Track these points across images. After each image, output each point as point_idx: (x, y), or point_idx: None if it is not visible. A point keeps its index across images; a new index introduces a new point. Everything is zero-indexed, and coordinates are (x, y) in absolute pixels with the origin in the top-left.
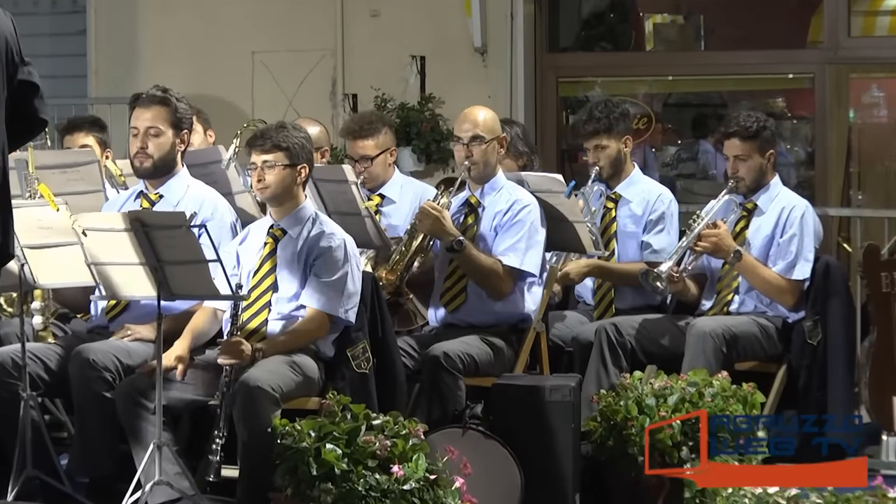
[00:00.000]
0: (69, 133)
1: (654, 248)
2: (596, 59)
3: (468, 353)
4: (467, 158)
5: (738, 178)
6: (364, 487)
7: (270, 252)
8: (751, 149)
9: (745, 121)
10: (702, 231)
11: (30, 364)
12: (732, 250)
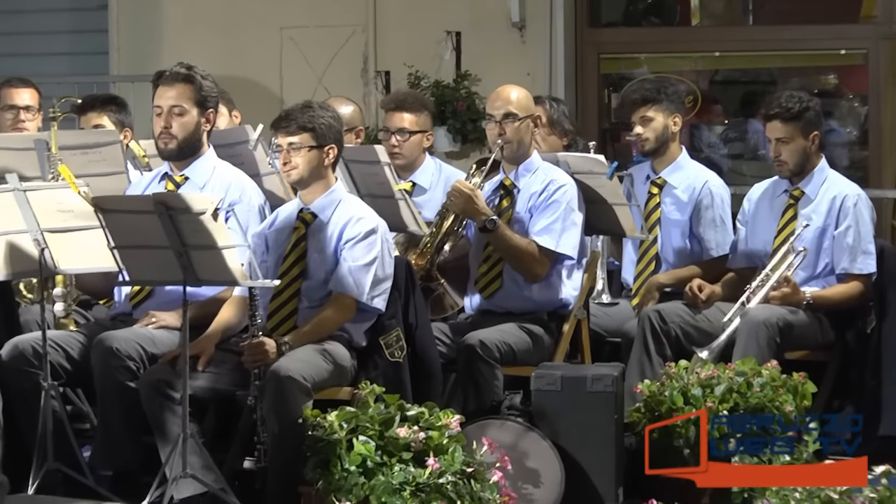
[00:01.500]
0: (83, 112)
1: (707, 245)
2: (639, 35)
3: (505, 342)
4: (500, 137)
5: (781, 162)
6: (398, 481)
7: (300, 237)
8: (793, 131)
9: (786, 101)
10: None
11: (51, 353)
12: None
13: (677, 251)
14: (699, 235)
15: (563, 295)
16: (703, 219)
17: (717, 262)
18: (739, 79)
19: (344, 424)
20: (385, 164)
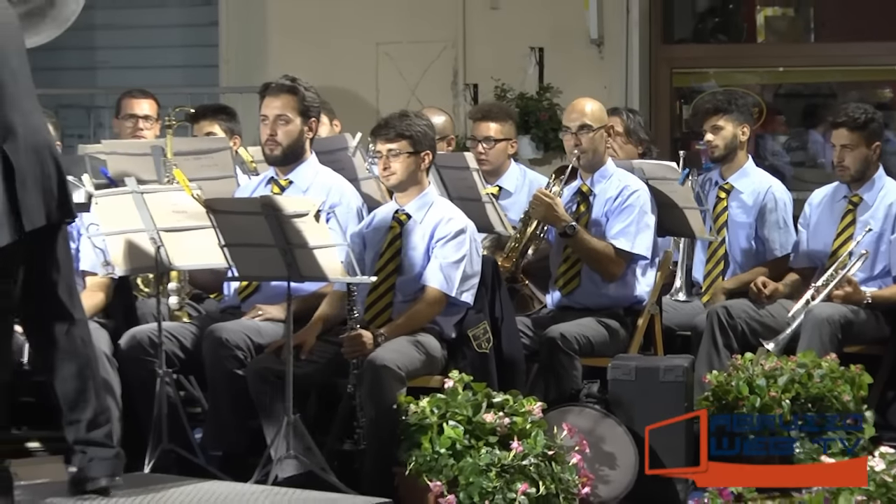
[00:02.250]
0: (196, 121)
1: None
2: (709, 51)
3: (584, 335)
4: (576, 147)
5: (844, 168)
6: (484, 463)
7: (396, 236)
8: (858, 139)
9: (853, 112)
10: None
11: (166, 342)
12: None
13: (743, 251)
14: (763, 237)
15: (638, 292)
16: (768, 221)
17: (780, 262)
18: (801, 92)
19: (435, 410)
20: (474, 169)
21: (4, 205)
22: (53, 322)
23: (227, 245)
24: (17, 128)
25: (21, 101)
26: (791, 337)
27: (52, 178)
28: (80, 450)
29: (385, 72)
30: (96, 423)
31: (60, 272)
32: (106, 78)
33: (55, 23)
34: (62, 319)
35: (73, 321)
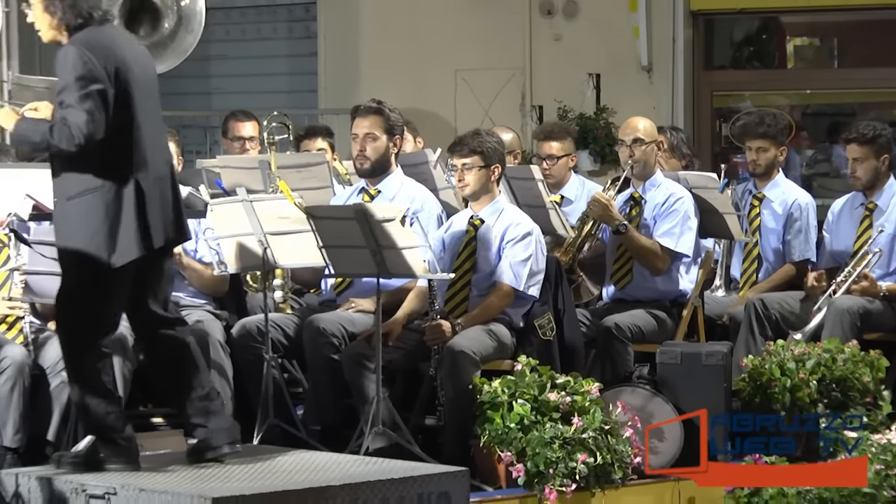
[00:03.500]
0: (307, 138)
1: (790, 250)
2: (745, 76)
3: (635, 324)
4: (630, 158)
5: (856, 178)
6: (549, 436)
7: (471, 238)
8: (867, 152)
9: (863, 128)
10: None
11: (271, 331)
12: (880, 293)
13: (774, 252)
14: (786, 241)
15: (682, 287)
16: (792, 229)
17: (798, 265)
18: (826, 112)
19: (506, 390)
20: (539, 180)
21: (136, 226)
22: (162, 321)
23: (325, 246)
24: (148, 161)
25: (153, 137)
26: (817, 327)
27: (171, 205)
28: (201, 423)
29: (462, 95)
30: (210, 399)
31: (170, 282)
32: (220, 102)
33: (175, 54)
34: (169, 318)
35: (178, 320)
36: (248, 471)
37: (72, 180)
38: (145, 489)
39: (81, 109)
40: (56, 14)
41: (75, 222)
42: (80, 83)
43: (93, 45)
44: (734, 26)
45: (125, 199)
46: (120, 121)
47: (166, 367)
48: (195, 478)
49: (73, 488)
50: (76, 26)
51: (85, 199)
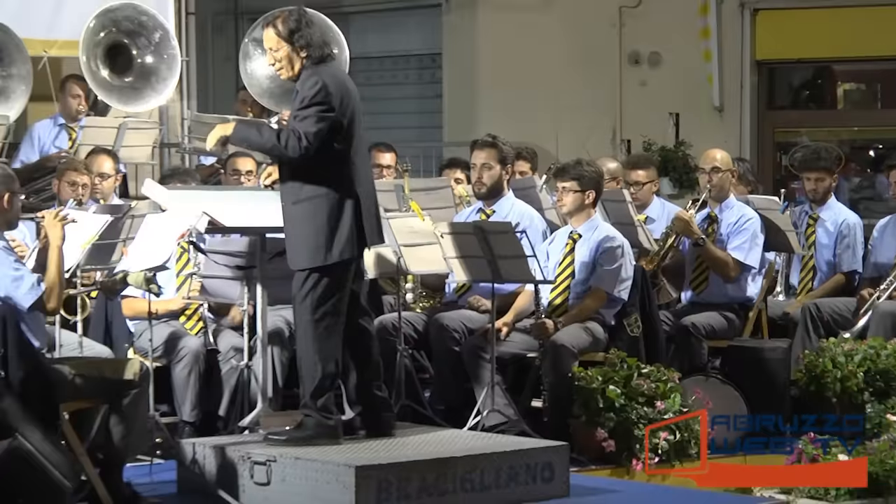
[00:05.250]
0: (449, 168)
1: (839, 261)
2: (802, 115)
3: (709, 323)
4: (708, 183)
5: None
6: (636, 416)
7: (570, 250)
8: None
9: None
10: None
11: (404, 326)
12: None
13: (827, 264)
14: (837, 255)
15: (749, 292)
16: (842, 244)
17: (847, 275)
18: (870, 145)
19: (599, 377)
20: (628, 202)
21: (353, 230)
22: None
23: (448, 256)
24: (362, 178)
25: (364, 156)
26: (863, 327)
27: (375, 214)
28: (361, 406)
29: (563, 130)
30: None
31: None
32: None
33: None
34: (368, 315)
35: (369, 313)
36: (384, 444)
37: (298, 187)
38: (300, 458)
39: (314, 128)
40: (302, 54)
41: (300, 222)
42: (319, 107)
43: (334, 78)
44: (793, 73)
45: (346, 207)
46: (345, 143)
47: (353, 349)
48: (341, 450)
49: (240, 456)
50: (317, 59)
51: (312, 203)
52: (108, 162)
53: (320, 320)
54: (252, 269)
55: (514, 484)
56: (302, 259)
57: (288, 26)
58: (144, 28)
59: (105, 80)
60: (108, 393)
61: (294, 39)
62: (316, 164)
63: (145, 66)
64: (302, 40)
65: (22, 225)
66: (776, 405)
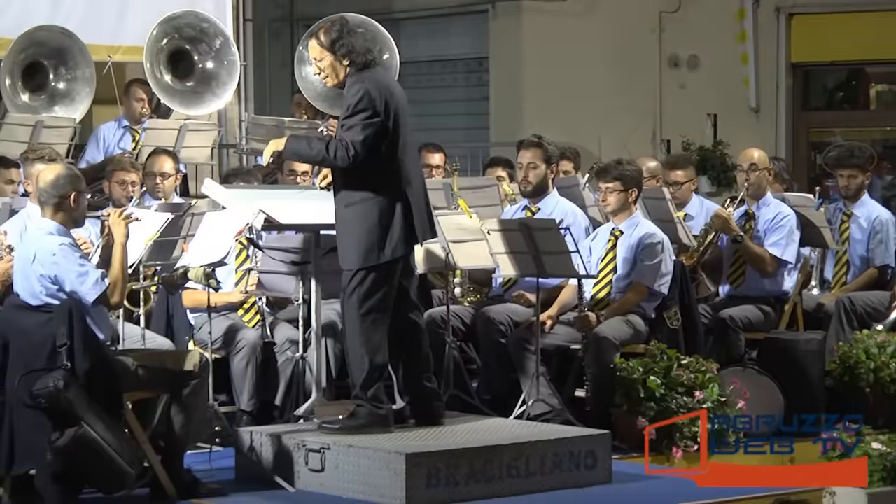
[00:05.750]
0: (491, 166)
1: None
2: (836, 116)
3: (746, 316)
4: (746, 181)
5: None
6: (675, 406)
7: (612, 246)
8: None
9: None
10: None
11: (452, 319)
12: None
13: (860, 258)
14: (869, 249)
15: (785, 287)
16: (874, 239)
17: (880, 269)
18: None
19: (640, 368)
20: (668, 200)
21: (404, 228)
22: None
23: (495, 252)
24: (411, 176)
25: (413, 155)
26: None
27: (425, 211)
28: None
29: (605, 131)
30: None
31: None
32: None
33: None
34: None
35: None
36: (433, 432)
37: (350, 192)
38: (353, 445)
39: (360, 136)
40: (345, 62)
41: (352, 224)
42: (364, 114)
43: (377, 83)
44: (827, 75)
45: (396, 207)
46: (393, 144)
47: (403, 342)
48: (392, 438)
49: (296, 443)
50: (361, 66)
51: (363, 205)
52: (168, 162)
53: (366, 315)
54: (307, 264)
55: (558, 471)
56: (354, 260)
57: (330, 36)
58: (206, 35)
59: (168, 84)
60: (170, 383)
61: (336, 49)
62: (365, 167)
63: (206, 71)
64: (343, 49)
65: (88, 223)
66: (811, 395)
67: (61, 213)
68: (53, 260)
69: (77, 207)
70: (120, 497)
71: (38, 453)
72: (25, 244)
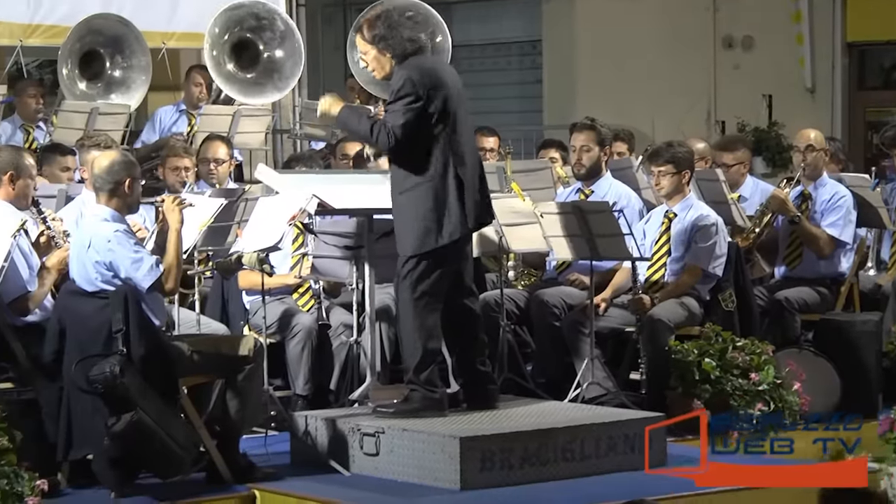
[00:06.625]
0: (545, 148)
1: None
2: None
3: (802, 298)
4: (803, 162)
5: None
6: (731, 388)
7: (666, 228)
8: None
9: None
10: None
11: (506, 303)
12: None
13: None
14: None
15: (842, 268)
16: None
17: None
18: None
19: (696, 350)
20: (722, 181)
21: (459, 211)
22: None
23: (549, 235)
24: (465, 157)
25: (468, 137)
26: None
27: (479, 192)
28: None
29: (659, 112)
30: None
31: (469, 258)
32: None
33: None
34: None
35: (474, 293)
36: (488, 416)
37: (404, 176)
38: (407, 429)
39: (401, 120)
40: (388, 53)
41: (407, 209)
42: (406, 99)
43: (421, 69)
44: (883, 54)
45: (450, 189)
46: (445, 128)
47: (457, 328)
48: (446, 422)
49: (350, 427)
50: (407, 55)
51: (417, 190)
52: (222, 148)
53: (419, 299)
54: (360, 248)
55: (612, 453)
56: (411, 245)
57: (373, 31)
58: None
59: (229, 72)
60: (225, 368)
61: (380, 41)
62: (418, 152)
63: (271, 61)
64: (386, 43)
65: (142, 209)
66: (867, 377)
67: (116, 200)
68: (108, 247)
69: (131, 194)
70: (176, 481)
71: (96, 438)
72: (81, 231)
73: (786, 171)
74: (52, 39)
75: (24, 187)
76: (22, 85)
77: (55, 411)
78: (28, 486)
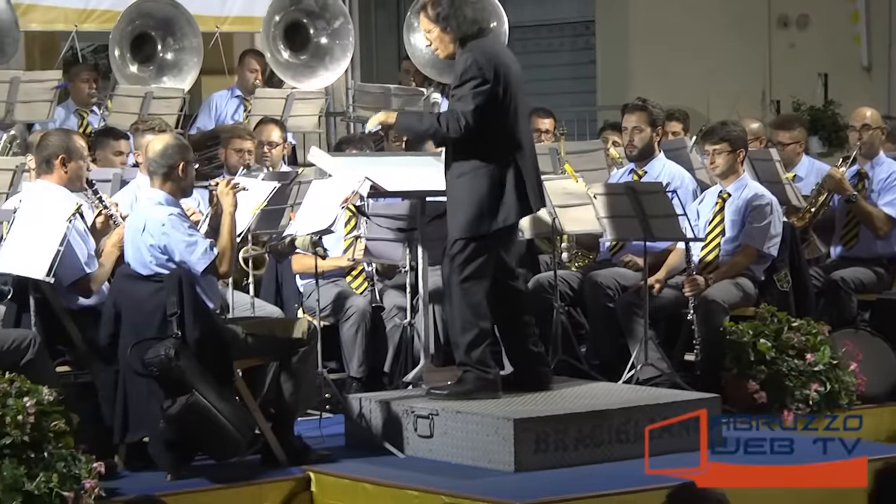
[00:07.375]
0: (605, 130)
1: None
2: None
3: (858, 278)
4: (859, 140)
5: None
6: (786, 369)
7: (720, 209)
8: None
9: None
10: None
11: (560, 284)
12: None
13: None
14: None
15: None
16: None
17: None
18: None
19: (751, 331)
20: (777, 161)
21: (516, 196)
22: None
23: (602, 216)
24: (523, 143)
25: (525, 123)
26: None
27: (535, 178)
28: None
29: (714, 92)
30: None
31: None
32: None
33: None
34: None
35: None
36: (541, 397)
37: (462, 162)
38: (461, 411)
39: (471, 105)
40: (452, 32)
41: (463, 194)
42: (473, 83)
43: (484, 52)
44: None
45: (508, 175)
46: (504, 112)
47: (504, 310)
48: (500, 403)
49: (404, 409)
50: (470, 36)
51: (475, 174)
52: (276, 131)
53: (465, 281)
54: (413, 231)
55: (667, 434)
56: (463, 227)
57: (436, 10)
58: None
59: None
60: (279, 351)
61: (443, 20)
62: (476, 136)
63: (321, 46)
64: (450, 21)
65: (196, 192)
66: None
67: (170, 183)
68: (162, 230)
69: (185, 177)
70: (231, 464)
71: (151, 421)
72: (135, 214)
73: (842, 151)
74: (106, 24)
75: (77, 169)
76: (75, 70)
77: (111, 394)
78: (85, 469)
